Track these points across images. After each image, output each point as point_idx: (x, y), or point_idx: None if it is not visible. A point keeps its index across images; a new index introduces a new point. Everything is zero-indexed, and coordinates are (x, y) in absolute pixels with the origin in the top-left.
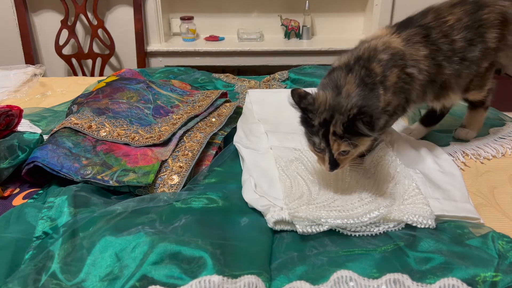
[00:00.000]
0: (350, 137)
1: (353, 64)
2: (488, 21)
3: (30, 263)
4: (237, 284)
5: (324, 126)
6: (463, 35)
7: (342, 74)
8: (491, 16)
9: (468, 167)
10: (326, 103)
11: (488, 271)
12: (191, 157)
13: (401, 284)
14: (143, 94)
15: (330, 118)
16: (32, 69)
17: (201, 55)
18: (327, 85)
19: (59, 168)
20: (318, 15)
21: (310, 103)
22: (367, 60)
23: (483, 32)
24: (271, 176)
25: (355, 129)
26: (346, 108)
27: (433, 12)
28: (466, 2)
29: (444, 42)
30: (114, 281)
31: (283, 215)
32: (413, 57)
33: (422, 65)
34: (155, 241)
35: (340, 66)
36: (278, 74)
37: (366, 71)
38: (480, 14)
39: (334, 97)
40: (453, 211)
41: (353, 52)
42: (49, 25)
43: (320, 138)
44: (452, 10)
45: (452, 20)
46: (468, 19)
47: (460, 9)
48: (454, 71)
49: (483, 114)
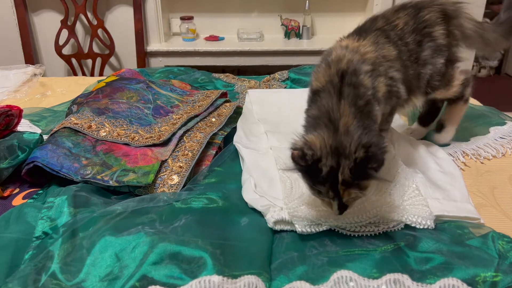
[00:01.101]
0: (360, 182)
1: (341, 84)
2: (431, 20)
3: (30, 263)
4: (237, 284)
5: (331, 174)
6: (413, 38)
7: (333, 102)
8: (432, 15)
9: (468, 167)
10: (326, 146)
11: (488, 271)
12: (191, 157)
13: (401, 284)
14: (143, 94)
15: (337, 166)
16: (32, 69)
17: (201, 55)
18: (319, 119)
19: (59, 168)
20: (318, 15)
21: (313, 155)
22: (353, 74)
23: (430, 31)
24: (271, 176)
25: (364, 175)
26: (350, 150)
27: (381, 18)
28: (406, 6)
29: (401, 44)
30: (114, 281)
31: (283, 215)
32: (388, 58)
33: (396, 64)
34: (155, 241)
35: (326, 89)
36: (278, 74)
37: (356, 89)
38: (421, 15)
39: (332, 136)
40: (453, 211)
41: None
42: (49, 25)
43: (327, 188)
44: (397, 15)
45: (401, 24)
46: (413, 22)
47: (403, 14)
48: (414, 72)
49: (463, 107)
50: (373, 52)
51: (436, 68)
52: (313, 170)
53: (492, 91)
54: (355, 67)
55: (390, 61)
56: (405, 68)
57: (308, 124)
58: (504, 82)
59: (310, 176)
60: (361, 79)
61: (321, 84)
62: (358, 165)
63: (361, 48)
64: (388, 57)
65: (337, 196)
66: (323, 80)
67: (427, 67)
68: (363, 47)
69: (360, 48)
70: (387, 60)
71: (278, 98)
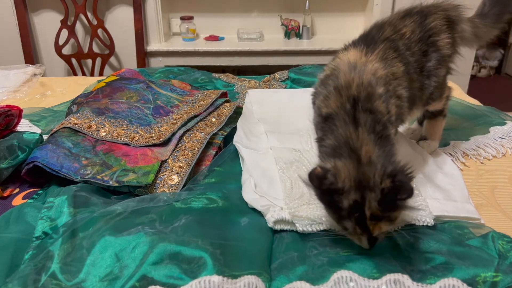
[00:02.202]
0: (389, 214)
1: (354, 111)
2: (437, 28)
3: (30, 263)
4: (237, 284)
5: (356, 208)
6: (419, 47)
7: (350, 130)
8: (438, 23)
9: (468, 167)
10: (350, 177)
11: (489, 271)
12: (191, 157)
13: (401, 284)
14: (143, 94)
15: (362, 200)
16: (31, 69)
17: (201, 55)
18: (339, 149)
19: (59, 168)
20: (318, 15)
21: (332, 183)
22: (367, 101)
23: (435, 40)
24: (271, 176)
25: (393, 206)
26: (375, 181)
27: (388, 25)
28: (412, 13)
29: (409, 54)
30: (114, 281)
31: (283, 215)
32: (396, 76)
33: (403, 81)
34: (155, 241)
35: (339, 116)
36: (278, 74)
37: (373, 115)
38: (427, 23)
39: (355, 167)
40: (454, 211)
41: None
42: (49, 25)
43: (353, 223)
44: (403, 22)
45: (408, 33)
46: (419, 30)
47: (410, 21)
48: (419, 84)
49: (443, 122)
50: (382, 69)
51: (440, 79)
52: (332, 201)
53: (492, 91)
54: (368, 91)
55: (397, 79)
56: (410, 82)
57: (326, 154)
58: (504, 82)
59: (332, 207)
60: (376, 105)
61: (332, 110)
62: (386, 197)
63: (369, 65)
64: (396, 74)
65: (367, 232)
66: (334, 106)
67: (432, 78)
68: (371, 64)
69: (368, 65)
70: (395, 78)
71: (278, 98)
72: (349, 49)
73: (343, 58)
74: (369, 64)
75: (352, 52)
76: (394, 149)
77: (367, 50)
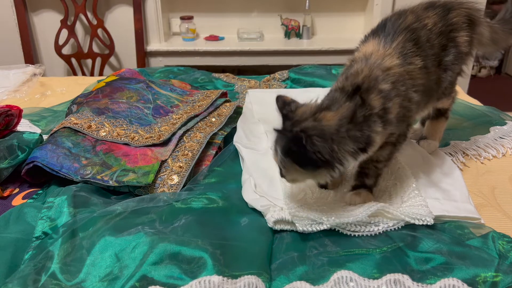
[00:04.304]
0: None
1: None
2: (458, 24)
3: (30, 263)
4: (237, 285)
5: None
6: (439, 41)
7: (341, 99)
8: (460, 19)
9: (468, 167)
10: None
11: (489, 271)
12: (191, 157)
13: (402, 284)
14: (142, 94)
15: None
16: (31, 68)
17: (201, 55)
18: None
19: (59, 168)
20: (318, 15)
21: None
22: (365, 92)
23: (455, 36)
24: (271, 176)
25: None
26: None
27: (411, 13)
28: (435, 5)
29: (428, 47)
30: (114, 282)
31: (283, 215)
32: (412, 75)
33: (419, 79)
34: (155, 241)
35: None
36: (278, 74)
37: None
38: (450, 17)
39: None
40: (454, 211)
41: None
42: (49, 25)
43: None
44: (427, 13)
45: (430, 24)
46: (441, 23)
47: (433, 13)
48: (436, 76)
49: (445, 124)
50: (398, 66)
51: (454, 75)
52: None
53: (492, 91)
54: (370, 84)
55: (413, 79)
56: (427, 75)
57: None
58: (504, 82)
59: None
60: (370, 98)
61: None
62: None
63: (386, 60)
64: (412, 73)
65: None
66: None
67: (448, 73)
68: (388, 58)
69: (386, 59)
70: (411, 77)
71: None
72: (368, 39)
73: (362, 50)
74: (387, 59)
75: (370, 43)
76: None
77: (385, 41)
